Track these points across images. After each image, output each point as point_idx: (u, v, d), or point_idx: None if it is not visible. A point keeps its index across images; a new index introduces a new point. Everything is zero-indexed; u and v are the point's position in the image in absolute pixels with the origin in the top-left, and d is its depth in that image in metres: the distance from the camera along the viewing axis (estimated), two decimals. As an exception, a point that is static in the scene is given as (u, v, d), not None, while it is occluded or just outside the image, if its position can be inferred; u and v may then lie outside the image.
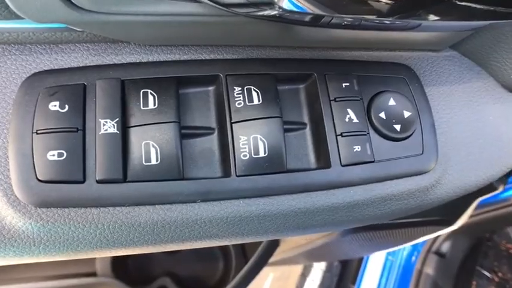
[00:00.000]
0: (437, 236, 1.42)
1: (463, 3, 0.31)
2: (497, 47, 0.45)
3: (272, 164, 0.37)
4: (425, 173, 0.42)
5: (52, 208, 0.35)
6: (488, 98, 0.48)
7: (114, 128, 0.35)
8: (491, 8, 0.32)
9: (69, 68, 0.37)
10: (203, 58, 0.39)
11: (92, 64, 0.37)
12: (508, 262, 1.46)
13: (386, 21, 0.34)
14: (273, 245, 1.23)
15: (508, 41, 0.44)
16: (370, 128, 0.41)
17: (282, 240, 1.23)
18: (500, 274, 1.46)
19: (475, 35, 0.45)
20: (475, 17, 0.33)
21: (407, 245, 1.33)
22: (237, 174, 0.37)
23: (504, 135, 0.47)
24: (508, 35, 0.43)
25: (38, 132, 0.34)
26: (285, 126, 0.38)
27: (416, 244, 1.48)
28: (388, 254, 1.54)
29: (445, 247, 1.46)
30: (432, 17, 0.32)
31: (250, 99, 0.37)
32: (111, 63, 0.38)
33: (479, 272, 1.46)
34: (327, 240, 1.02)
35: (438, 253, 1.45)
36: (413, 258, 1.50)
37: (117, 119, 0.35)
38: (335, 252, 1.25)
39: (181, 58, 0.39)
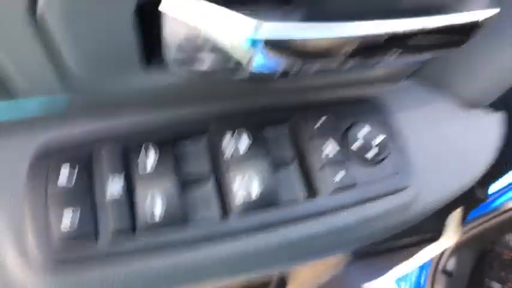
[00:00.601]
0: (442, 254, 1.43)
1: (412, 43, 0.35)
2: (448, 71, 0.51)
3: (266, 201, 0.41)
4: (403, 190, 0.46)
5: (68, 265, 0.37)
6: (449, 116, 0.53)
7: (120, 184, 0.38)
8: (438, 42, 0.37)
9: (74, 137, 0.40)
10: (195, 111, 0.43)
11: (94, 128, 0.41)
12: (514, 270, 1.45)
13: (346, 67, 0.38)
14: (280, 286, 1.22)
15: (456, 64, 0.49)
16: (348, 156, 0.45)
17: (288, 280, 1.23)
18: (510, 284, 1.45)
19: (427, 63, 0.50)
20: (423, 51, 0.37)
21: (412, 265, 1.33)
22: (235, 214, 0.40)
23: (466, 148, 0.52)
24: (454, 60, 0.49)
25: (51, 199, 0.37)
26: (274, 164, 0.42)
27: (423, 265, 1.48)
28: (399, 279, 1.53)
29: (451, 264, 1.46)
30: (387, 57, 0.37)
31: (240, 144, 0.42)
32: (112, 125, 0.41)
33: (488, 284, 1.45)
34: (333, 274, 1.03)
35: (445, 271, 1.45)
36: (422, 280, 1.49)
37: (123, 175, 0.39)
38: (342, 284, 1.25)
39: (177, 113, 0.43)
